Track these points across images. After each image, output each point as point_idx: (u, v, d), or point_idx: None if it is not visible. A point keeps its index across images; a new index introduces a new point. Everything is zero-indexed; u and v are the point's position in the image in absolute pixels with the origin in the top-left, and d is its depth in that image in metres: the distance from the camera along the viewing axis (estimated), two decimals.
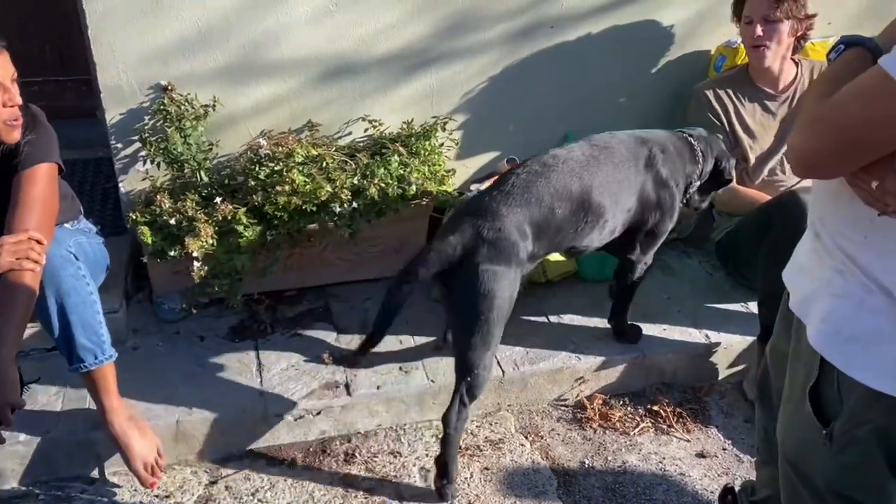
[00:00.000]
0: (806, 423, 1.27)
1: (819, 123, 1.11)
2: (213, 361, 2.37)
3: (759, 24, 2.53)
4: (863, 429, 1.20)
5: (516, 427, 2.37)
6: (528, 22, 2.72)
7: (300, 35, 2.55)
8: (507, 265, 1.97)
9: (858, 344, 1.17)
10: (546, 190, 2.04)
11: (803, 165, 1.18)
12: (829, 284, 1.23)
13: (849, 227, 1.19)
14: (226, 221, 2.31)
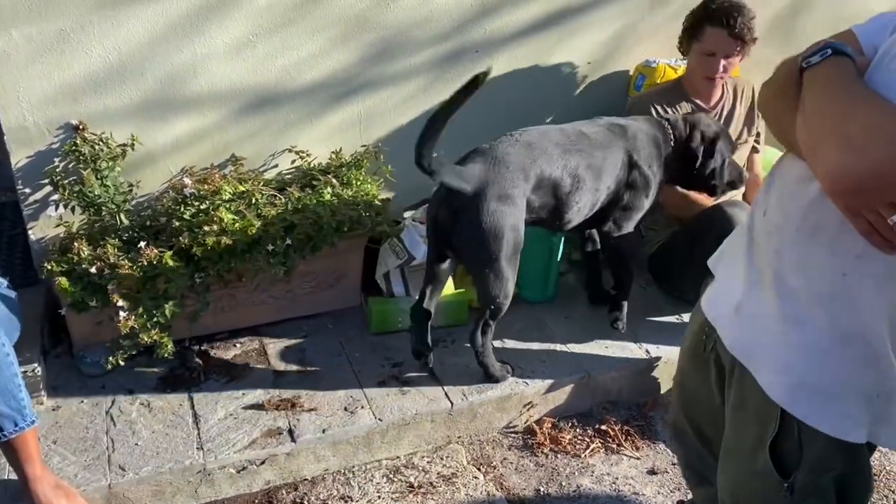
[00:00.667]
0: (762, 476, 1.23)
1: (878, 132, 0.95)
2: (144, 416, 2.22)
3: (722, 61, 2.60)
4: (825, 477, 1.18)
5: (468, 459, 2.32)
6: (453, 47, 2.71)
7: (220, 67, 2.45)
8: (513, 204, 2.16)
9: (823, 395, 1.14)
10: (548, 145, 2.27)
11: (853, 183, 0.98)
12: (783, 333, 1.17)
13: (825, 263, 1.12)
14: (151, 266, 2.18)
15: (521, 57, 2.83)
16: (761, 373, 1.20)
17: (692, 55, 2.68)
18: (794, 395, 1.16)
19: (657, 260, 2.80)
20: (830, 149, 0.99)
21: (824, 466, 1.18)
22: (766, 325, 1.19)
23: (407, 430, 2.28)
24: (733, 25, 2.54)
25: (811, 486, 1.20)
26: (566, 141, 2.31)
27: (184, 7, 2.32)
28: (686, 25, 2.68)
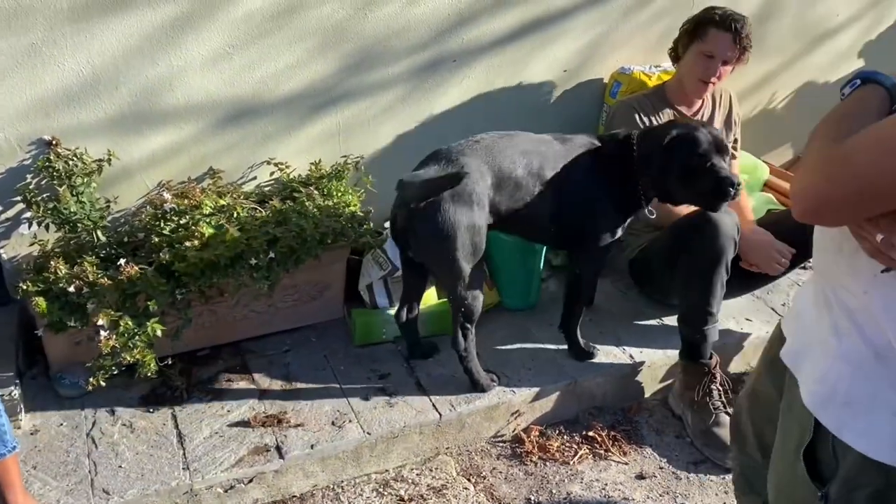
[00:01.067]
0: (800, 483, 1.24)
1: (834, 166, 1.03)
2: (126, 437, 2.17)
3: (720, 64, 2.62)
4: (859, 492, 1.18)
5: (457, 470, 2.31)
6: (431, 57, 2.70)
7: (196, 79, 2.41)
8: (469, 203, 2.12)
9: (853, 409, 1.14)
10: (509, 147, 2.24)
11: (809, 210, 1.08)
12: (825, 344, 1.19)
13: (850, 280, 1.14)
14: (131, 283, 2.13)
15: (497, 66, 2.84)
16: (803, 380, 1.23)
17: (689, 56, 2.67)
18: (825, 405, 1.17)
19: (638, 265, 2.82)
20: (795, 175, 1.13)
21: (858, 482, 1.17)
22: (816, 336, 1.22)
23: (395, 443, 2.26)
24: (739, 31, 2.58)
25: (844, 500, 1.19)
26: (530, 145, 2.29)
27: (159, 19, 2.29)
28: (687, 27, 2.69)
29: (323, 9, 2.48)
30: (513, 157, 2.23)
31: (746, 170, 3.21)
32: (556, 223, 2.34)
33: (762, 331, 2.75)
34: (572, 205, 2.32)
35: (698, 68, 2.65)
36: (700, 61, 2.64)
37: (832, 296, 1.19)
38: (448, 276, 2.22)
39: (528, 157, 2.25)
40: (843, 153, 1.02)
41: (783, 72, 3.41)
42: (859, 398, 1.13)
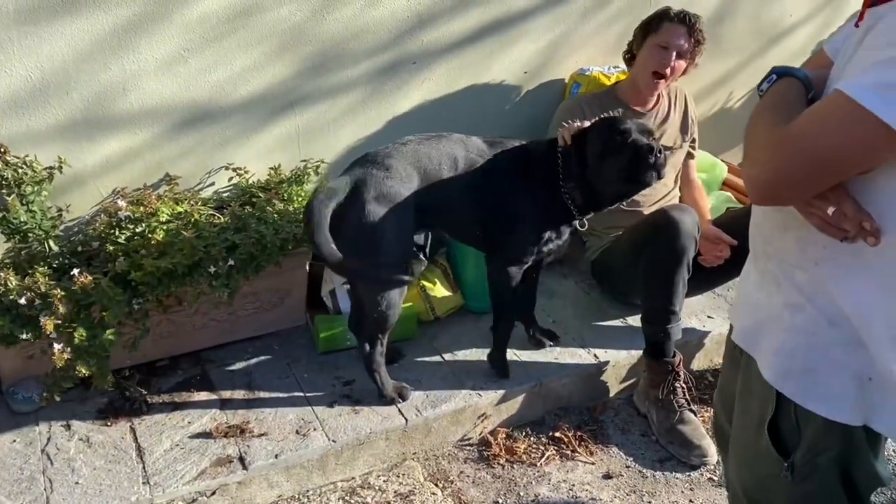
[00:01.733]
0: (764, 457, 1.28)
1: (783, 148, 1.10)
2: (83, 452, 2.11)
3: (674, 56, 2.64)
4: (823, 456, 1.23)
5: (425, 475, 2.29)
6: (390, 59, 2.68)
7: (150, 84, 2.36)
8: (391, 205, 2.08)
9: (813, 376, 1.20)
10: (435, 149, 2.21)
11: (766, 193, 1.16)
12: (779, 319, 1.24)
13: (799, 256, 1.20)
14: (86, 294, 2.08)
15: (458, 68, 2.83)
16: (761, 357, 1.28)
17: (644, 51, 2.69)
18: (786, 377, 1.23)
19: (600, 265, 2.84)
20: (745, 165, 1.19)
21: (821, 446, 1.22)
22: (769, 314, 1.27)
23: (361, 450, 2.24)
24: (692, 24, 2.64)
25: (810, 466, 1.25)
26: (457, 147, 2.25)
27: (110, 22, 2.23)
28: (642, 24, 2.73)
29: (280, 11, 2.44)
30: (439, 159, 2.21)
31: (705, 168, 3.24)
32: (481, 227, 2.31)
33: (723, 328, 2.78)
34: (495, 210, 2.26)
35: (653, 60, 2.67)
36: (654, 53, 2.67)
37: (780, 274, 1.25)
38: (365, 282, 2.18)
39: (454, 160, 2.23)
40: (790, 135, 1.09)
41: (740, 71, 3.46)
42: (818, 365, 1.19)
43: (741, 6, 3.27)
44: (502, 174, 2.27)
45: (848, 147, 1.04)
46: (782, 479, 1.27)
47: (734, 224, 2.72)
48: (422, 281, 2.72)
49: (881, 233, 1.09)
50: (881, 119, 0.99)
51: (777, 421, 1.26)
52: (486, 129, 2.95)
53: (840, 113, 1.04)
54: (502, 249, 2.33)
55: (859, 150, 1.04)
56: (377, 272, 2.13)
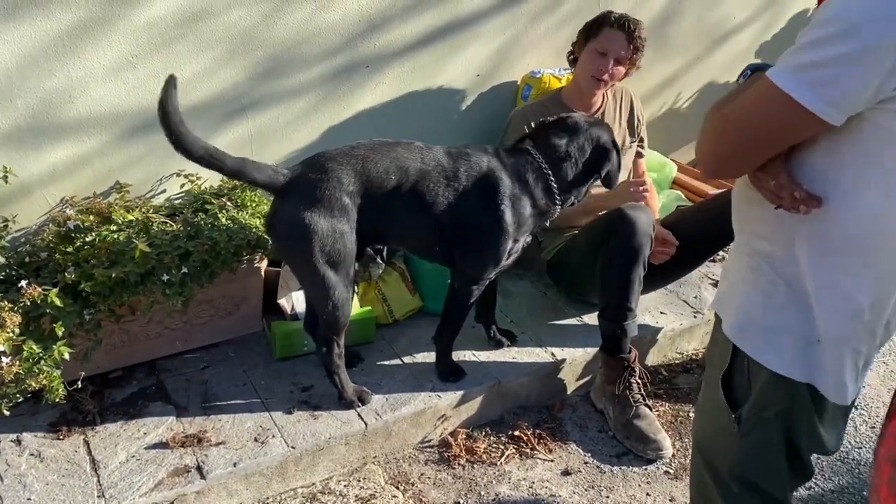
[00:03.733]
0: (718, 408, 1.38)
1: (720, 127, 1.23)
2: (35, 467, 2.06)
3: (612, 62, 2.68)
4: (768, 411, 1.32)
5: (385, 479, 2.29)
6: (343, 63, 2.68)
7: (98, 90, 2.32)
8: (328, 210, 2.06)
9: (767, 333, 1.29)
10: (385, 157, 2.16)
11: (711, 167, 1.28)
12: (744, 281, 1.34)
13: (760, 225, 1.30)
14: (35, 306, 2.03)
15: (410, 71, 2.84)
16: (726, 316, 1.38)
17: (584, 55, 2.74)
18: (742, 331, 1.33)
19: (556, 265, 2.87)
20: (698, 145, 1.31)
21: (767, 400, 1.32)
22: (736, 278, 1.37)
23: (321, 455, 2.23)
24: (632, 30, 2.68)
25: (755, 418, 1.34)
26: (411, 156, 2.19)
27: (54, 28, 2.19)
28: (583, 27, 2.78)
29: (229, 16, 2.43)
30: (387, 167, 2.14)
31: (655, 168, 3.31)
32: (441, 244, 2.27)
33: (676, 323, 2.84)
34: (462, 227, 2.23)
35: (592, 65, 2.71)
36: (593, 58, 2.71)
37: (747, 245, 1.34)
38: (307, 281, 2.18)
39: (404, 170, 2.16)
40: (725, 115, 1.22)
41: (686, 72, 3.54)
42: (772, 323, 1.28)
43: (686, 8, 3.35)
44: (475, 190, 2.21)
45: (769, 124, 1.15)
46: (730, 430, 1.37)
47: (683, 222, 2.78)
48: (380, 284, 2.73)
49: (814, 202, 1.18)
50: (793, 98, 1.09)
51: (731, 374, 1.36)
52: (439, 131, 2.98)
53: (763, 94, 1.14)
54: (468, 267, 2.32)
55: (779, 127, 1.14)
56: (314, 274, 2.10)
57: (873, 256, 1.19)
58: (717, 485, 1.48)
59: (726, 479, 1.45)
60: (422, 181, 2.18)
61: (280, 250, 2.21)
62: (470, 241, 2.27)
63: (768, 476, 1.39)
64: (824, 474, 2.38)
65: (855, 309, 1.22)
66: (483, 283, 2.36)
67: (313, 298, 2.22)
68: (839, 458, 2.44)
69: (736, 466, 1.41)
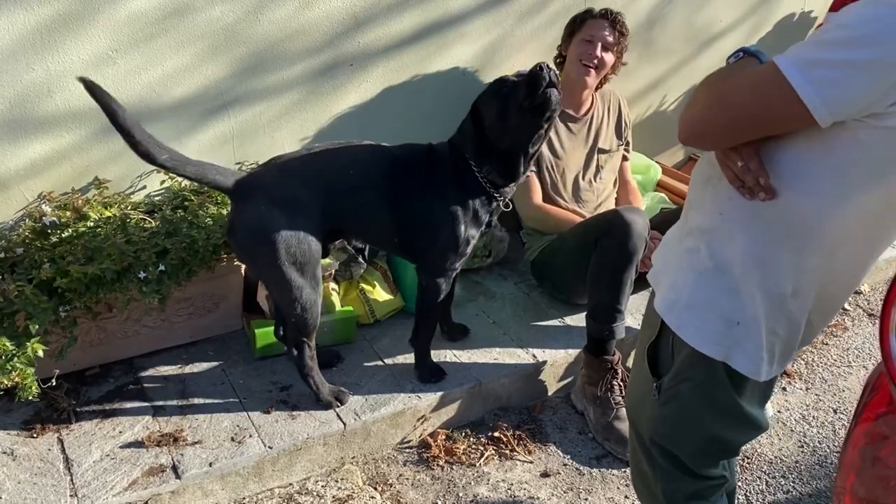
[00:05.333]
0: (643, 377, 1.47)
1: (713, 99, 1.24)
2: (7, 465, 2.04)
3: (600, 47, 2.72)
4: (686, 385, 1.39)
5: (364, 479, 2.28)
6: (327, 60, 2.67)
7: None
8: (289, 211, 2.05)
9: (692, 311, 1.35)
10: (340, 156, 2.18)
11: (691, 133, 1.30)
12: (679, 259, 1.39)
13: (710, 205, 1.33)
14: (9, 302, 2.01)
15: (395, 70, 2.83)
16: (659, 290, 1.43)
17: (571, 48, 2.79)
18: (671, 308, 1.38)
19: (540, 265, 2.87)
20: (689, 104, 1.32)
21: (686, 375, 1.39)
22: (674, 254, 1.43)
23: (299, 456, 2.21)
24: (614, 17, 2.75)
25: (673, 390, 1.42)
26: (364, 154, 2.22)
27: (33, 21, 2.16)
28: (567, 26, 2.85)
29: (212, 12, 2.40)
30: (343, 165, 2.16)
31: (640, 170, 3.31)
32: (398, 237, 2.28)
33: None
34: (411, 220, 2.24)
35: (580, 52, 2.76)
36: (581, 46, 2.76)
37: (693, 223, 1.39)
38: (270, 283, 2.17)
39: (363, 166, 2.19)
40: (722, 88, 1.23)
41: (672, 75, 3.53)
42: (698, 302, 1.34)
43: (673, 11, 3.35)
44: (412, 180, 2.23)
45: (764, 109, 1.17)
46: (651, 398, 1.45)
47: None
48: (361, 284, 2.71)
49: (775, 192, 1.22)
50: (794, 89, 1.10)
51: (657, 346, 1.44)
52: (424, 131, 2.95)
53: (765, 77, 1.15)
54: (429, 260, 2.31)
55: (771, 114, 1.16)
56: (277, 275, 2.08)
57: (807, 252, 1.24)
58: (641, 450, 1.58)
59: (648, 445, 1.55)
60: (374, 178, 2.20)
61: (241, 254, 2.21)
62: (417, 235, 2.27)
63: (682, 445, 1.48)
64: (802, 478, 2.39)
65: (778, 294, 1.28)
66: (449, 275, 2.35)
67: (280, 302, 2.20)
68: (818, 462, 2.45)
69: (655, 434, 1.50)
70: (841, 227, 1.21)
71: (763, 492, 2.33)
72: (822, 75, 1.09)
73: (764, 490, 2.33)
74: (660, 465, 1.56)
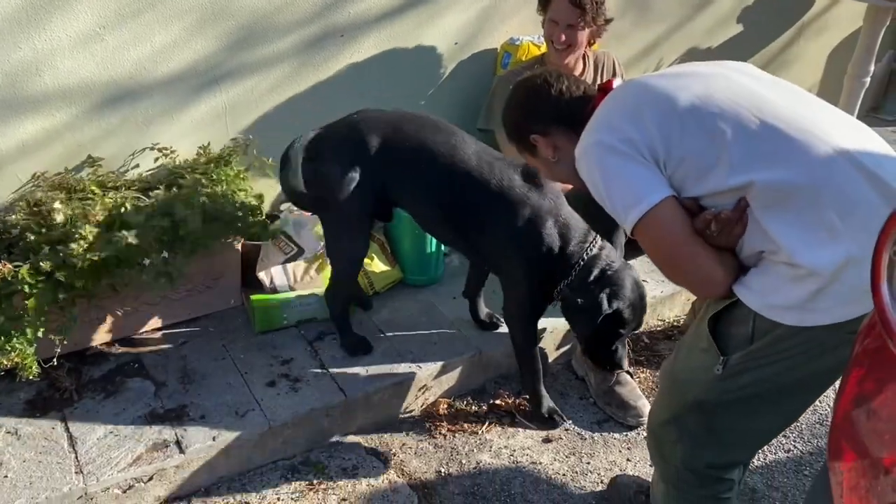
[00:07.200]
0: (705, 350, 1.49)
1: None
2: (12, 444, 2.05)
3: (563, 31, 2.63)
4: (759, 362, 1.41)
5: (367, 449, 2.29)
6: (317, 32, 2.64)
7: (66, 62, 2.28)
8: (342, 166, 2.16)
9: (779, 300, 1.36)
10: (412, 132, 2.20)
11: (712, 287, 1.42)
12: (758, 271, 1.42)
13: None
14: (6, 283, 2.00)
15: (386, 39, 2.80)
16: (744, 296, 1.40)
17: (544, 25, 2.72)
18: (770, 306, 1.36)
19: None
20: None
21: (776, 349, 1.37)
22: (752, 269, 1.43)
23: (301, 428, 2.22)
24: None
25: (741, 366, 1.41)
26: (438, 140, 2.19)
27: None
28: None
29: None
30: (415, 143, 2.18)
31: None
32: (454, 230, 2.27)
33: (657, 290, 2.84)
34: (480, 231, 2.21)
35: (548, 32, 2.69)
36: (549, 27, 2.68)
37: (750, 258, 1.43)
38: (325, 234, 2.32)
39: (430, 155, 2.17)
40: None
41: (668, 38, 3.50)
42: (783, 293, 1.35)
43: None
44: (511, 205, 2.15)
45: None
46: (713, 372, 1.44)
47: None
48: None
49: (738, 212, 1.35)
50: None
51: (729, 323, 1.42)
52: (417, 100, 2.95)
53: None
54: (505, 296, 2.33)
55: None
56: (327, 225, 2.27)
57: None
58: (675, 413, 1.59)
59: (688, 409, 1.55)
60: (448, 173, 2.17)
61: (305, 202, 2.31)
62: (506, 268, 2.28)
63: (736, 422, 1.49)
64: (803, 437, 2.40)
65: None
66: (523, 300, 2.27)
67: (326, 245, 2.37)
68: (818, 421, 2.46)
69: (708, 401, 1.49)
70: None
71: (764, 451, 2.34)
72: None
73: (765, 449, 2.34)
74: (690, 431, 1.56)
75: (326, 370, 2.37)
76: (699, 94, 1.37)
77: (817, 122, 1.36)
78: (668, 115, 1.36)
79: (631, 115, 1.39)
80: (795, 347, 1.35)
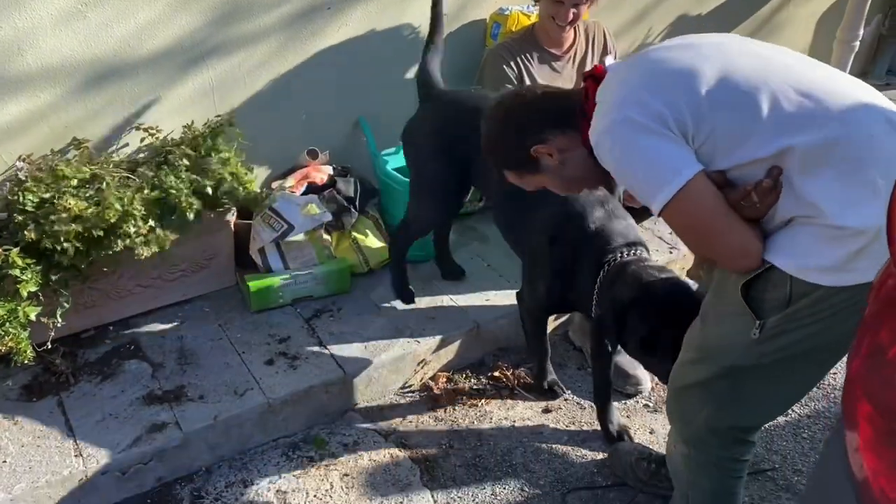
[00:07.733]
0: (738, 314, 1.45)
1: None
2: (9, 430, 2.03)
3: (571, 9, 2.59)
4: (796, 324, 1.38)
5: (368, 425, 2.29)
6: (303, 4, 2.59)
7: (48, 41, 2.22)
8: (430, 143, 2.31)
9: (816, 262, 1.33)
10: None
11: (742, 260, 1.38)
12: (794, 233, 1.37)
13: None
14: None
15: (375, 12, 2.75)
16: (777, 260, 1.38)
17: (543, 2, 2.67)
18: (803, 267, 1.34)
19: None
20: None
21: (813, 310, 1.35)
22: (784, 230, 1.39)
23: (301, 405, 2.22)
24: None
25: (777, 330, 1.39)
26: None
27: None
28: None
29: None
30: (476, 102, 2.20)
31: None
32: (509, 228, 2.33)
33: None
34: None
35: (552, 12, 2.63)
36: (552, 7, 2.62)
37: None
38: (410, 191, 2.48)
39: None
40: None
41: (657, 6, 3.47)
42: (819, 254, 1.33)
43: None
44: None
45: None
46: (750, 336, 1.41)
47: None
48: (353, 233, 2.69)
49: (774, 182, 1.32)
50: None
51: (764, 288, 1.39)
52: (406, 73, 2.91)
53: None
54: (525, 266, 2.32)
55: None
56: (412, 188, 2.43)
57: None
58: (701, 375, 1.55)
59: (719, 372, 1.51)
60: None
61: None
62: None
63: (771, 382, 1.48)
64: (801, 401, 2.41)
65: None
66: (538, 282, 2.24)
67: (410, 189, 2.47)
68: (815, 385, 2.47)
69: (743, 365, 1.47)
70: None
71: None
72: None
73: None
74: (718, 395, 1.54)
75: (324, 347, 2.36)
76: (722, 65, 1.34)
77: (839, 84, 1.34)
78: (693, 88, 1.32)
79: (656, 89, 1.34)
80: (835, 307, 1.33)
